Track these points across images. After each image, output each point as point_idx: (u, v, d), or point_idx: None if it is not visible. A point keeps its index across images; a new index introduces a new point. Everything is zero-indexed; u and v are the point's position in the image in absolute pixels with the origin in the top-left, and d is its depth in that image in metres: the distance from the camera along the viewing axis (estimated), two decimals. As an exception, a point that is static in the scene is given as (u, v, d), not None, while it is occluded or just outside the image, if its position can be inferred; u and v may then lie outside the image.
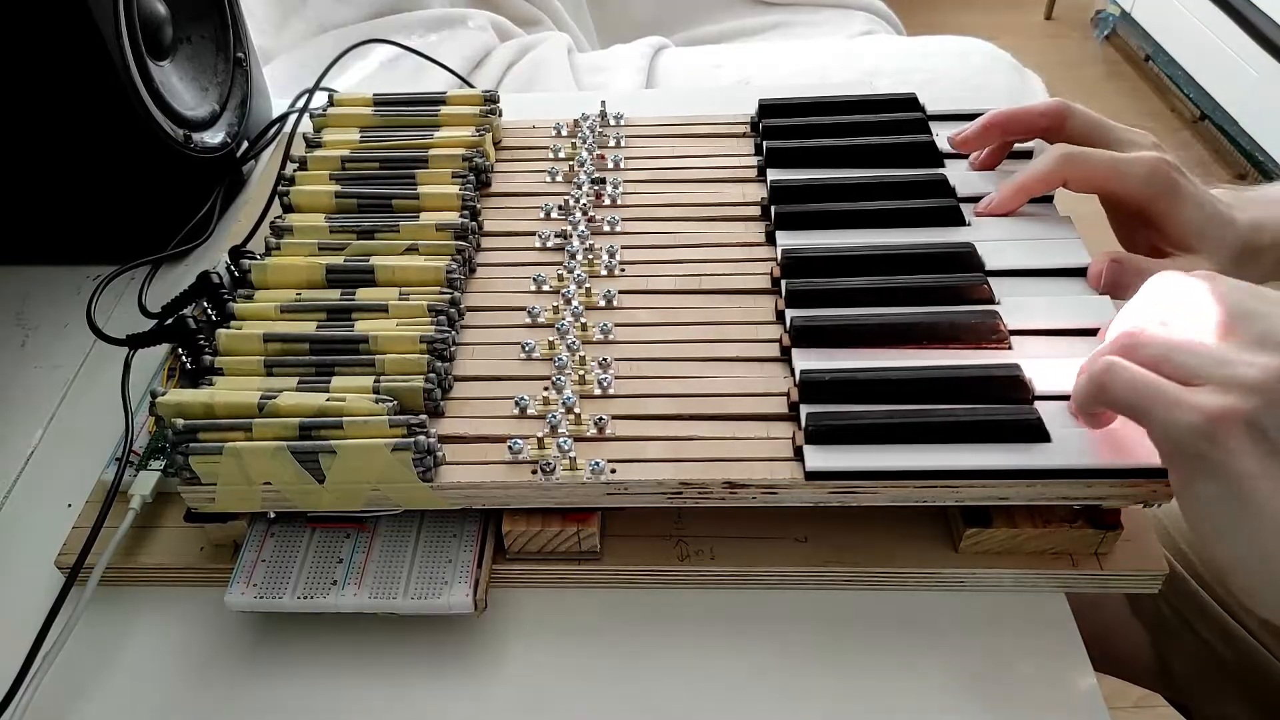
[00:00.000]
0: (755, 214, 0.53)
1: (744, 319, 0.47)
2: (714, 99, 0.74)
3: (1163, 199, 0.46)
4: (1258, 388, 0.32)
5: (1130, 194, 0.47)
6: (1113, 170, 0.46)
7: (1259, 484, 0.32)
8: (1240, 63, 1.83)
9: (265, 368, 0.44)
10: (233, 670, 0.42)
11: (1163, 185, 0.46)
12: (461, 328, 0.48)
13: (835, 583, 0.43)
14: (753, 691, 0.41)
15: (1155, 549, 0.42)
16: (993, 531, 0.42)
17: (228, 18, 0.64)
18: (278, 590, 0.41)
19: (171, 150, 0.58)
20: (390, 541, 0.43)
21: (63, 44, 0.51)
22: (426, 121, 0.58)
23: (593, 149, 0.58)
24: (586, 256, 0.51)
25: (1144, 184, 0.46)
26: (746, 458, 0.40)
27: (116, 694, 0.42)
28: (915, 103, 0.58)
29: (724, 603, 0.43)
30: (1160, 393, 0.34)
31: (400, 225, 0.51)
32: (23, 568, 0.46)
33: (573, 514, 0.42)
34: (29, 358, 0.57)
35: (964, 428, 0.40)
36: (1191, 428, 0.33)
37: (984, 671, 0.41)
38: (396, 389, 0.42)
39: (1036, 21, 2.47)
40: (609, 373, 0.45)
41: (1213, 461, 0.33)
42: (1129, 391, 0.35)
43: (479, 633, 0.43)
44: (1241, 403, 0.32)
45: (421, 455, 0.40)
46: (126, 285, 0.59)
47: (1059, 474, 0.39)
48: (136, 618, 0.44)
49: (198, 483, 0.41)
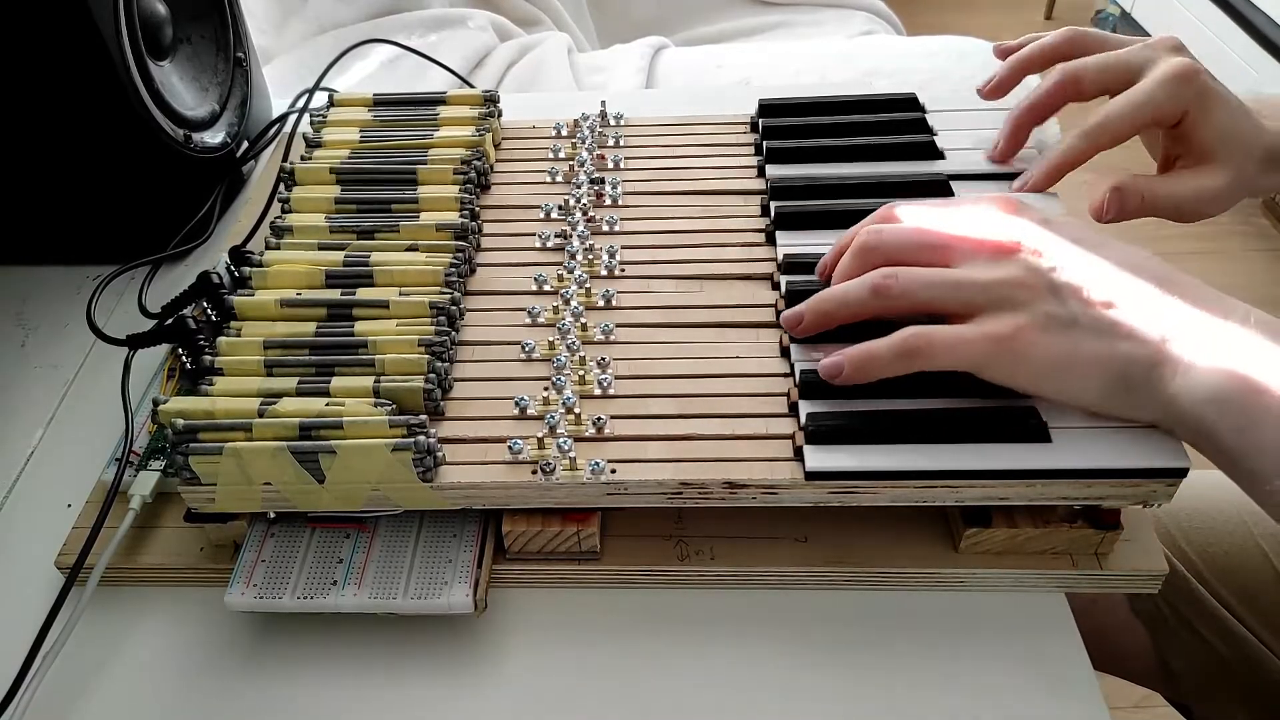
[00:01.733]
0: (755, 213, 0.53)
1: (744, 319, 0.47)
2: (714, 99, 0.74)
3: (1192, 107, 0.45)
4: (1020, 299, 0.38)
5: (1161, 116, 0.46)
6: (1139, 110, 0.45)
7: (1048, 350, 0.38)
8: (1240, 63, 1.83)
9: (265, 368, 0.44)
10: (233, 670, 0.42)
11: (1193, 92, 0.45)
12: (461, 328, 0.48)
13: (835, 583, 0.43)
14: (753, 691, 0.41)
15: (1155, 549, 0.42)
16: (993, 531, 0.42)
17: (228, 18, 0.64)
18: (278, 590, 0.41)
19: (171, 150, 0.58)
20: (390, 541, 0.43)
21: (63, 44, 0.51)
22: (426, 121, 0.58)
23: (593, 149, 0.58)
24: (586, 256, 0.51)
25: (1171, 100, 0.45)
26: (746, 458, 0.40)
27: (116, 694, 0.42)
28: (915, 102, 0.58)
29: (724, 603, 0.43)
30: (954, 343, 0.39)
31: (400, 225, 0.51)
32: (23, 568, 0.46)
33: (573, 514, 0.42)
34: (29, 358, 0.57)
35: (964, 428, 0.40)
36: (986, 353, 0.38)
37: (984, 671, 0.41)
38: (396, 389, 0.42)
39: (1036, 21, 2.47)
40: (609, 373, 0.45)
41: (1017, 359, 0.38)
42: (947, 357, 0.39)
43: (479, 633, 0.43)
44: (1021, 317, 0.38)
45: (421, 455, 0.40)
46: (126, 285, 0.59)
47: (1059, 474, 0.39)
48: (136, 618, 0.44)
49: (198, 483, 0.41)
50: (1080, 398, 0.39)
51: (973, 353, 0.38)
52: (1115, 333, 0.37)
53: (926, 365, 0.39)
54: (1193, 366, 0.36)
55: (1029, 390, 0.39)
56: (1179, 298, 0.38)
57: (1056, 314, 0.38)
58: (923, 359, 0.39)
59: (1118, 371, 0.37)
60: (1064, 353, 0.38)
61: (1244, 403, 0.35)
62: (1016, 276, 0.39)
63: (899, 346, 0.39)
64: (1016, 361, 0.38)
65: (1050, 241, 0.40)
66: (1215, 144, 0.46)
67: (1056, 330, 0.38)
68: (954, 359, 0.39)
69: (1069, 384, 0.38)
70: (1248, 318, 0.37)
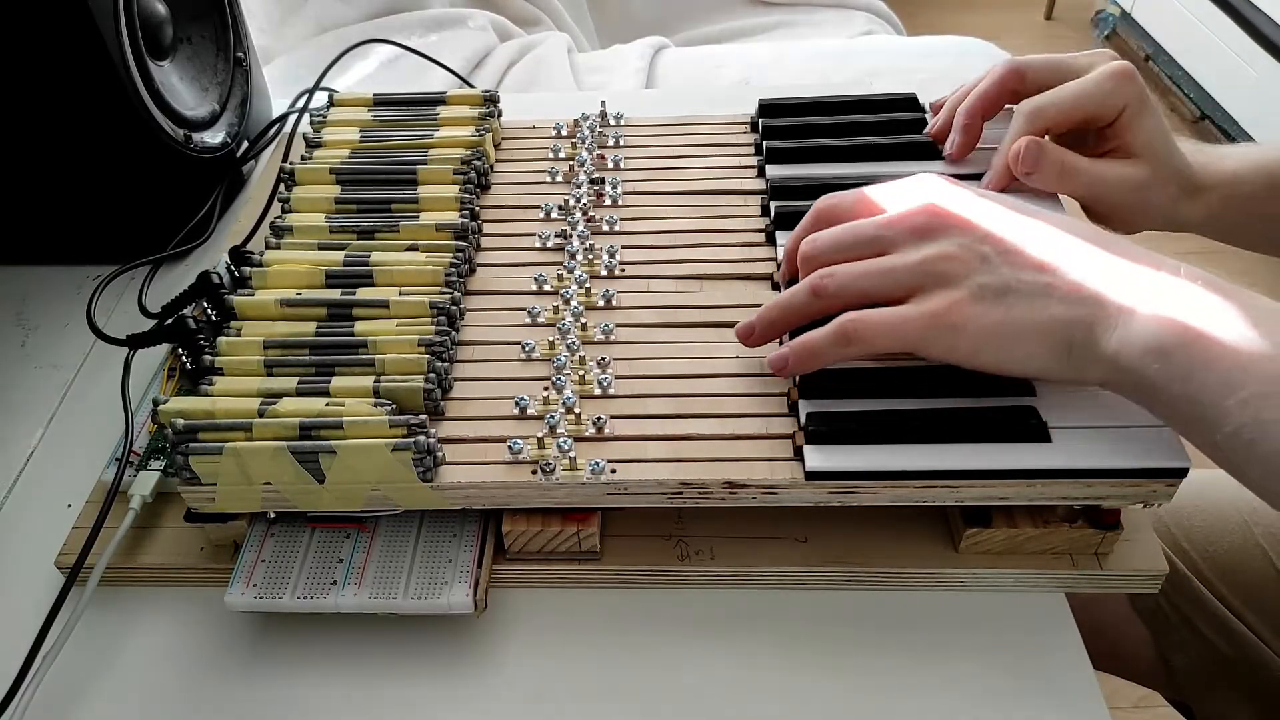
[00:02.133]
0: (755, 213, 0.53)
1: (744, 319, 0.47)
2: (714, 99, 0.74)
3: (1130, 106, 0.46)
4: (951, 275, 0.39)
5: (1102, 112, 0.47)
6: (1079, 99, 0.46)
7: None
8: (1240, 63, 1.83)
9: (265, 368, 0.44)
10: (233, 670, 0.42)
11: (1132, 93, 0.46)
12: (461, 327, 0.48)
13: (835, 583, 0.43)
14: (753, 691, 0.41)
15: (1155, 549, 0.42)
16: (993, 531, 0.42)
17: (228, 18, 0.64)
18: (278, 590, 0.41)
19: (171, 150, 0.58)
20: (390, 541, 0.43)
21: (63, 44, 0.51)
22: (426, 121, 0.58)
23: (593, 149, 0.58)
24: (586, 256, 0.51)
25: (1112, 95, 0.46)
26: (746, 458, 0.40)
27: (116, 694, 0.42)
28: (915, 103, 0.58)
29: (724, 603, 0.43)
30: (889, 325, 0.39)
31: (400, 225, 0.51)
32: (23, 568, 0.46)
33: (573, 514, 0.42)
34: (29, 358, 0.57)
35: (964, 428, 0.40)
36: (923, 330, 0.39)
37: (984, 671, 0.41)
38: (396, 389, 0.42)
39: (1036, 21, 2.47)
40: (609, 373, 0.45)
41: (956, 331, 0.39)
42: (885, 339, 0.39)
43: (479, 633, 0.43)
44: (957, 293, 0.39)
45: (421, 455, 0.40)
46: (126, 285, 0.59)
47: (1059, 474, 0.39)
48: (136, 618, 0.44)
49: (198, 483, 0.41)
50: (1025, 365, 0.39)
51: (909, 331, 0.39)
52: (1050, 296, 0.38)
53: (867, 349, 0.40)
54: (1130, 321, 0.36)
55: (972, 363, 0.39)
56: (1111, 256, 0.38)
57: (989, 284, 0.38)
58: (861, 342, 0.39)
59: (1058, 335, 0.37)
60: (1000, 321, 0.38)
61: (1184, 352, 0.35)
62: (946, 251, 0.39)
63: (835, 333, 0.40)
64: (955, 335, 0.38)
65: (979, 214, 0.40)
66: (1144, 145, 0.47)
67: (991, 300, 0.38)
68: (892, 340, 0.39)
69: (1011, 352, 0.38)
70: (1178, 269, 0.37)
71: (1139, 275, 0.37)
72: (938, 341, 0.39)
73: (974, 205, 0.41)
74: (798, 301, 0.42)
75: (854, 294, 0.41)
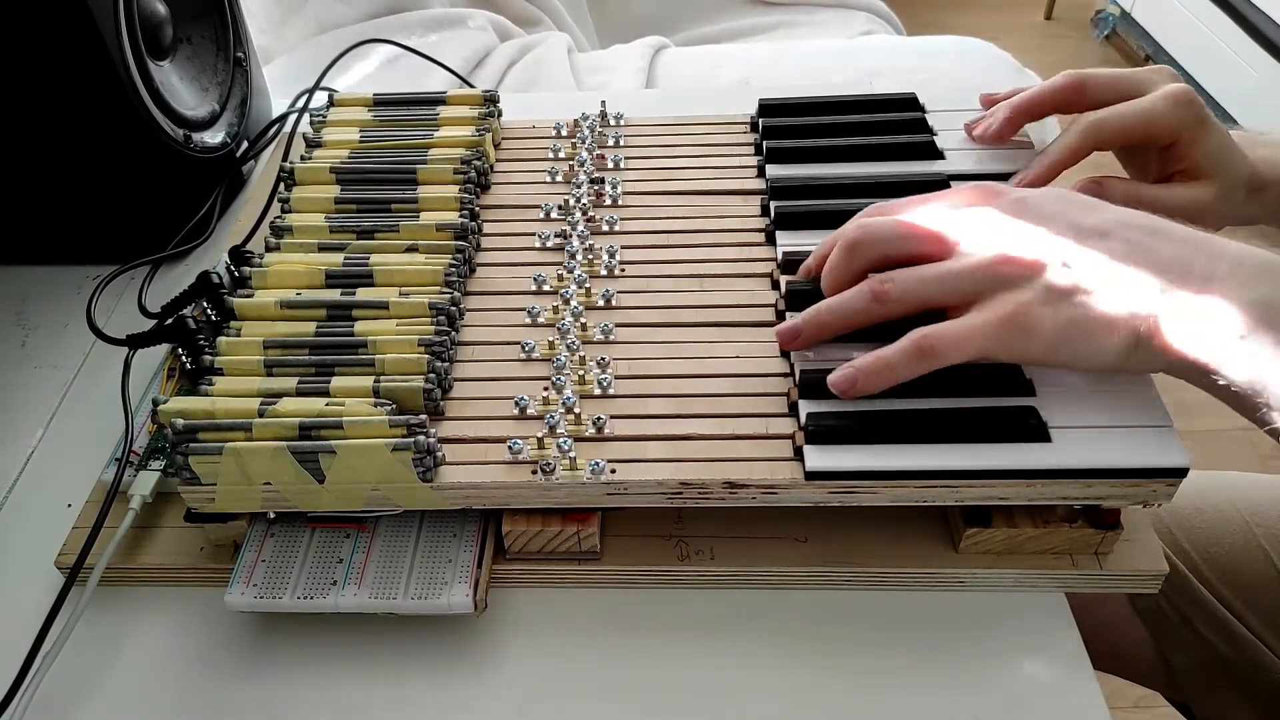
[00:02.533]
0: (755, 213, 0.53)
1: (744, 319, 0.47)
2: (714, 99, 0.74)
3: (1190, 128, 0.47)
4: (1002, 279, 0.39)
5: (1161, 133, 0.47)
6: (1142, 120, 0.47)
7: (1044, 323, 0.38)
8: (1240, 63, 1.83)
9: (265, 368, 0.44)
10: (233, 670, 0.42)
11: (1192, 115, 0.46)
12: (461, 328, 0.48)
13: (835, 583, 0.43)
14: (753, 691, 0.41)
15: (1155, 549, 0.42)
16: (993, 531, 0.42)
17: (228, 18, 0.64)
18: (278, 590, 0.41)
19: (171, 150, 0.58)
20: (390, 541, 0.43)
21: (63, 44, 0.51)
22: (426, 122, 0.58)
23: (593, 149, 0.58)
24: (586, 256, 0.51)
25: (1174, 118, 0.46)
26: (746, 458, 0.40)
27: (116, 694, 0.42)
28: (915, 103, 0.58)
29: (724, 603, 0.43)
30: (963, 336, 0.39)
31: (400, 225, 0.51)
32: (23, 568, 0.46)
33: (573, 514, 0.42)
34: (29, 358, 0.57)
35: (964, 428, 0.40)
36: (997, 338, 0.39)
37: (984, 671, 0.41)
38: (396, 389, 0.42)
39: (1036, 21, 2.47)
40: (609, 373, 0.45)
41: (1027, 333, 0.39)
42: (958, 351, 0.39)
43: (479, 633, 0.43)
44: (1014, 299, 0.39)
45: (421, 455, 0.40)
46: (126, 285, 0.59)
47: (1059, 474, 0.39)
48: (136, 618, 0.44)
49: (198, 483, 0.41)
50: (1096, 360, 0.39)
51: (983, 341, 0.39)
52: (1112, 293, 0.38)
53: (940, 363, 0.39)
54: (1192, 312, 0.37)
55: (1046, 363, 0.40)
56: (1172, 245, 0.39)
57: (1055, 285, 0.38)
58: (936, 358, 0.39)
59: (1123, 332, 0.38)
60: (1070, 320, 0.38)
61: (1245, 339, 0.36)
62: (1009, 255, 0.39)
63: (912, 350, 0.39)
64: (1027, 338, 0.38)
65: (1034, 215, 0.41)
66: (1209, 165, 0.47)
67: (1058, 300, 0.38)
68: (965, 351, 0.39)
69: (1082, 349, 0.38)
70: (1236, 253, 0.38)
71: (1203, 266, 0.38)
72: (1011, 346, 0.39)
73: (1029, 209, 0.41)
74: (854, 307, 0.42)
75: (916, 300, 0.41)
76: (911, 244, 0.42)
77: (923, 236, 0.42)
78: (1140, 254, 0.38)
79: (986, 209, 0.42)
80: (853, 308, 0.42)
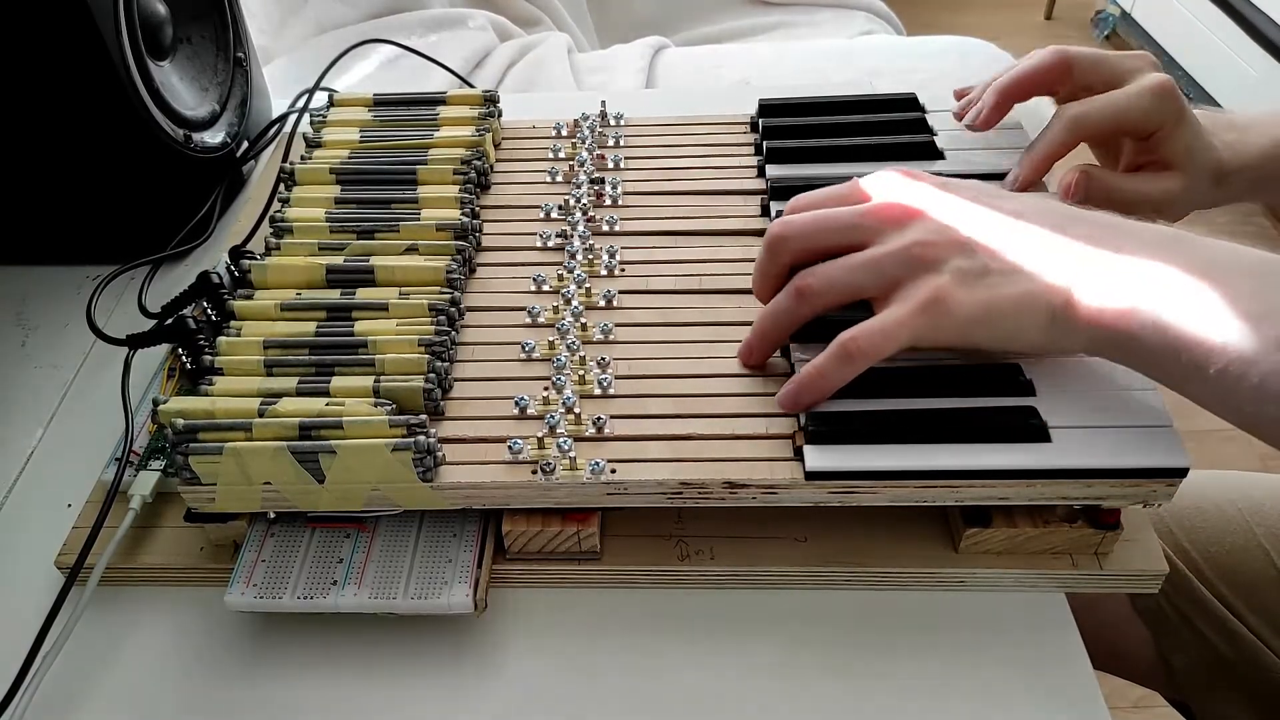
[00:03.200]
0: (755, 213, 0.53)
1: (744, 319, 0.47)
2: (714, 99, 0.74)
3: (1168, 121, 0.47)
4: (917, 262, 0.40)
5: (1143, 126, 0.47)
6: (1122, 113, 0.47)
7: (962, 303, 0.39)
8: (1240, 63, 1.83)
9: (265, 368, 0.44)
10: (233, 670, 0.42)
11: (1171, 109, 0.47)
12: (461, 328, 0.48)
13: (835, 583, 0.43)
14: (753, 691, 0.41)
15: (1155, 549, 0.42)
16: (993, 531, 0.42)
17: (228, 18, 0.64)
18: (278, 590, 0.41)
19: (171, 150, 0.58)
20: (390, 541, 0.43)
21: (63, 44, 0.51)
22: (426, 122, 0.58)
23: (593, 149, 0.58)
24: (586, 256, 0.51)
25: (1156, 112, 0.47)
26: (746, 458, 0.40)
27: (116, 694, 0.42)
28: (915, 103, 0.58)
29: (724, 603, 0.43)
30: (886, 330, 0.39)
31: (400, 225, 0.51)
32: (23, 568, 0.46)
33: (573, 514, 0.42)
34: (29, 358, 0.57)
35: (964, 428, 0.40)
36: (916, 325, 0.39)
37: (984, 671, 0.41)
38: (396, 389, 0.42)
39: (1036, 21, 2.47)
40: (609, 373, 0.45)
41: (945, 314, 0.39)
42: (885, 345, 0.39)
43: (479, 633, 0.43)
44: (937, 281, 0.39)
45: (421, 455, 0.40)
46: (126, 285, 0.59)
47: (1059, 474, 0.39)
48: (136, 618, 0.44)
49: (198, 483, 0.41)
50: (1013, 341, 0.40)
51: (905, 331, 0.39)
52: (1026, 271, 0.39)
53: (871, 361, 0.40)
54: (1106, 284, 0.37)
55: (963, 345, 0.40)
56: (1082, 226, 0.39)
57: (967, 267, 0.39)
58: (864, 357, 0.40)
59: (1039, 307, 0.38)
60: (984, 301, 0.39)
61: (1159, 304, 0.36)
62: (923, 238, 0.40)
63: (837, 355, 0.40)
64: (943, 321, 0.39)
65: (950, 199, 0.41)
66: (1181, 157, 0.48)
67: (974, 281, 0.39)
68: (893, 344, 0.39)
69: (998, 330, 0.39)
70: (1145, 230, 0.38)
71: (1112, 239, 0.38)
72: (932, 330, 0.39)
73: (945, 195, 0.42)
74: (783, 307, 0.42)
75: (840, 290, 0.41)
76: (831, 235, 0.42)
77: (841, 225, 0.42)
78: (1053, 237, 0.39)
79: (904, 191, 0.42)
80: (783, 309, 0.42)
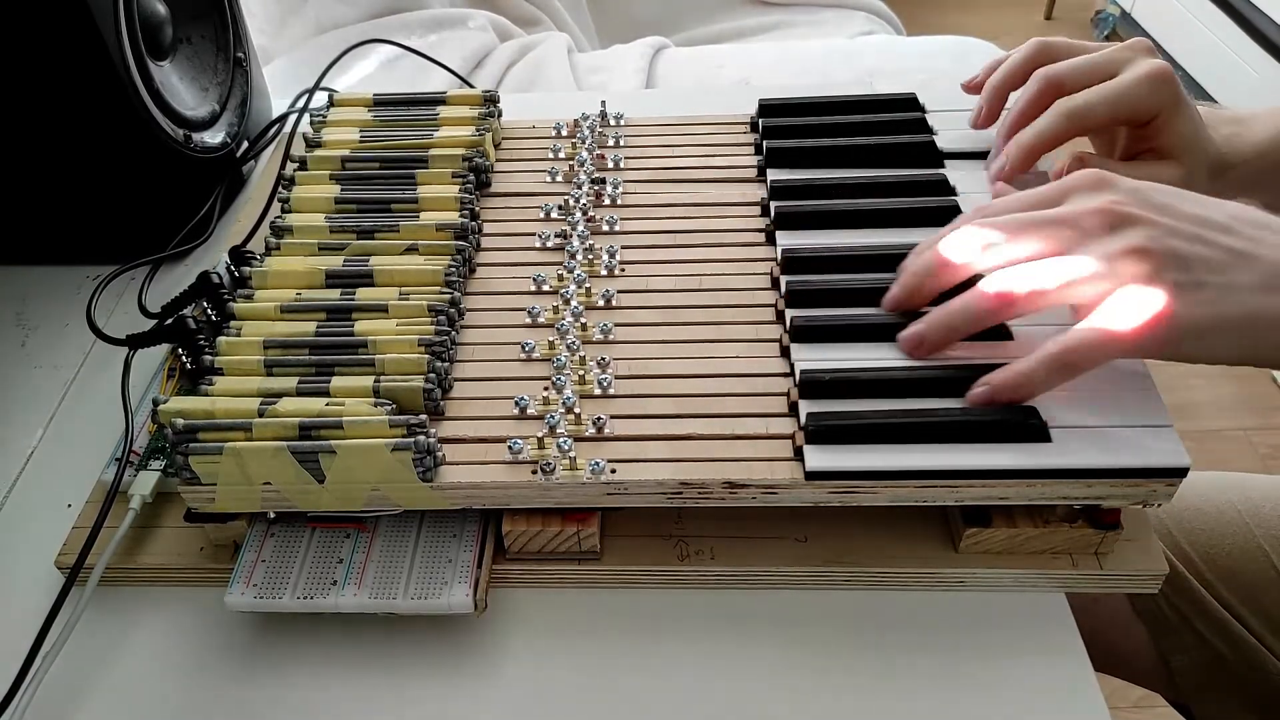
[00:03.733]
0: (755, 213, 0.53)
1: (744, 319, 0.47)
2: (714, 99, 0.74)
3: (1165, 109, 0.46)
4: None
5: (1140, 113, 0.47)
6: (1121, 103, 0.46)
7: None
8: (1240, 63, 1.83)
9: (265, 368, 0.44)
10: (233, 670, 0.42)
11: (1168, 94, 0.46)
12: (461, 328, 0.48)
13: (835, 583, 0.43)
14: (753, 691, 0.41)
15: (1155, 549, 0.42)
16: (993, 531, 0.42)
17: (228, 18, 0.64)
18: (278, 590, 0.41)
19: (171, 150, 0.58)
20: (390, 541, 0.43)
21: (63, 44, 0.51)
22: (426, 121, 0.58)
23: (593, 149, 0.58)
24: (586, 256, 0.51)
25: (1153, 98, 0.46)
26: (746, 458, 0.40)
27: (116, 694, 0.42)
28: (915, 103, 0.58)
29: (724, 603, 0.43)
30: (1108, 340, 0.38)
31: (400, 225, 0.51)
32: (23, 568, 0.46)
33: (573, 514, 0.42)
34: (29, 358, 0.57)
35: (964, 428, 0.40)
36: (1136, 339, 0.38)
37: (984, 671, 0.41)
38: (396, 389, 0.42)
39: (1036, 22, 2.47)
40: (609, 373, 0.45)
41: None
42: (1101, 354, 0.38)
43: (479, 633, 0.43)
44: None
45: (421, 455, 0.40)
46: (126, 285, 0.59)
47: (1059, 474, 0.39)
48: (136, 618, 0.44)
49: (198, 483, 0.41)
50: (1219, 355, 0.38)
51: (1123, 344, 0.38)
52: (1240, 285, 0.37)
53: (1084, 370, 0.39)
54: None
55: (1175, 357, 0.38)
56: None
57: (1184, 280, 0.37)
58: (1078, 369, 0.38)
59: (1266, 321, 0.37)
60: (1204, 315, 0.37)
61: None
62: (1136, 244, 0.38)
63: (1053, 364, 0.38)
64: (1165, 334, 0.37)
65: (1151, 206, 0.39)
66: (1179, 146, 0.47)
67: (1190, 291, 0.37)
68: (1108, 356, 0.38)
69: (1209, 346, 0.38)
70: None
71: None
72: (1149, 346, 0.38)
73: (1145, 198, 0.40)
74: (981, 309, 0.41)
75: (1048, 299, 0.39)
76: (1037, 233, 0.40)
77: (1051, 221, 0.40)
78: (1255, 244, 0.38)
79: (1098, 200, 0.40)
80: (980, 309, 0.41)
